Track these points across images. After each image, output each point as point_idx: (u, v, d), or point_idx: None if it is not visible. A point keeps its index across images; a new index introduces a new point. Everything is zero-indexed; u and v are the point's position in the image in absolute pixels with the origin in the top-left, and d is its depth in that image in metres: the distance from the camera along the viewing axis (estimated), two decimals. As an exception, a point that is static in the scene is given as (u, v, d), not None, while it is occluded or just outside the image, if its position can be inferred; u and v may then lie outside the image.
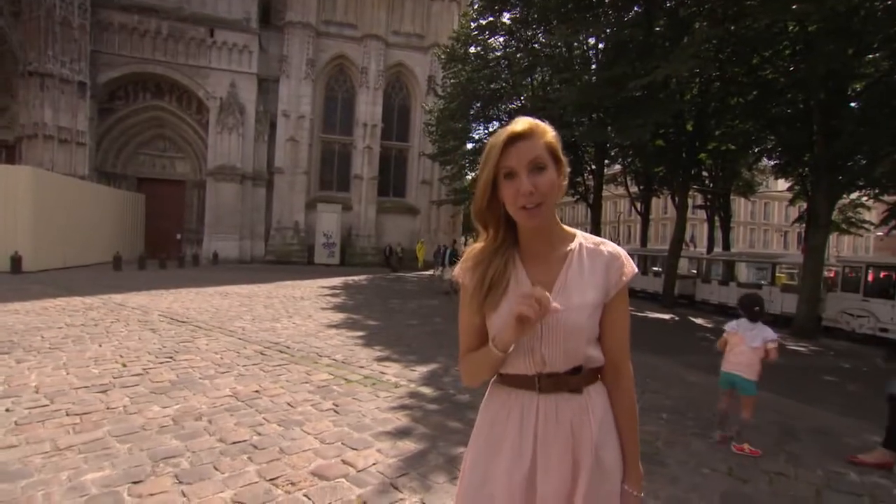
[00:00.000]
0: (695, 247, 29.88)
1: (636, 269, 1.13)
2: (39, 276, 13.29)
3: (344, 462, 2.98)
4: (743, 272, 17.84)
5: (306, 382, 4.62)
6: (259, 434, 3.32)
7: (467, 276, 1.16)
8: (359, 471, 2.87)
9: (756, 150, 17.63)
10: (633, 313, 14.17)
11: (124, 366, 4.85)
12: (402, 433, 3.48)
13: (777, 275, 18.51)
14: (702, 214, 29.38)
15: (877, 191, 19.87)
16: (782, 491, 2.98)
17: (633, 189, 25.05)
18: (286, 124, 25.84)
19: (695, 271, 18.57)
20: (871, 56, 11.64)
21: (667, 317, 13.99)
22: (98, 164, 22.65)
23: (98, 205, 18.74)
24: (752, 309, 3.72)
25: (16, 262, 13.60)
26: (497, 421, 1.15)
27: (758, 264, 18.95)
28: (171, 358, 5.25)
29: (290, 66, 25.69)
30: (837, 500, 2.95)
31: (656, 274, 19.29)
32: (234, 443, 3.15)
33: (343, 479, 2.76)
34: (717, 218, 23.16)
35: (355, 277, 18.50)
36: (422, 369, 5.45)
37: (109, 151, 23.61)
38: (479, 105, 20.75)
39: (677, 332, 11.30)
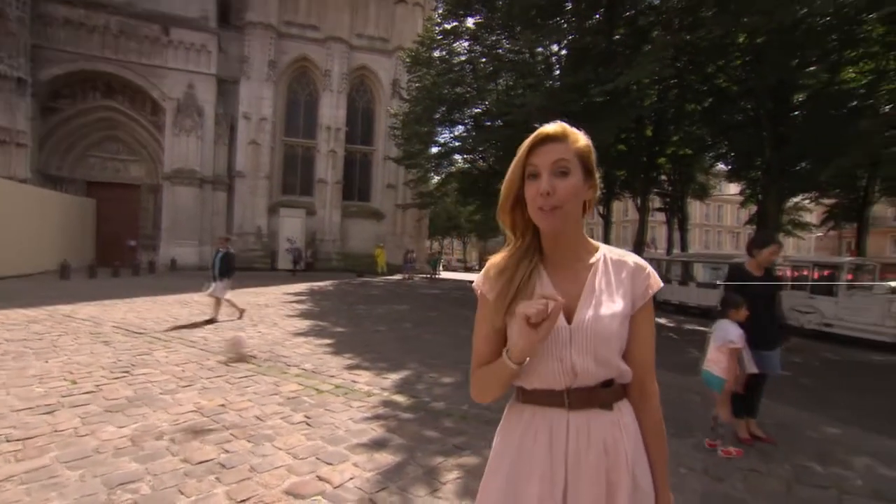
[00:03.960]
0: (655, 248, 30.84)
1: (661, 283, 1.10)
2: (-24, 287, 12.37)
3: (319, 478, 2.85)
4: (700, 272, 18.50)
5: (275, 394, 4.43)
6: (227, 452, 3.14)
7: (489, 283, 1.11)
8: (335, 487, 2.75)
9: (711, 155, 18.36)
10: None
11: (74, 383, 4.52)
12: (378, 445, 3.37)
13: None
14: (660, 217, 30.40)
15: (817, 194, 21.04)
16: (757, 488, 3.05)
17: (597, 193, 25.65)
18: (247, 127, 25.16)
19: (655, 273, 19.10)
20: (811, 68, 12.31)
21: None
22: (41, 166, 21.35)
23: (42, 210, 17.63)
24: (718, 308, 3.84)
25: (-51, 272, 12.62)
26: (524, 445, 1.07)
27: (714, 265, 19.70)
28: (126, 372, 4.94)
29: (251, 68, 25.05)
30: (807, 493, 3.04)
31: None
32: (200, 463, 2.97)
33: (319, 497, 2.63)
34: (675, 220, 23.98)
35: (320, 283, 18.13)
36: (394, 377, 5.34)
37: (54, 153, 22.31)
38: (444, 109, 20.79)
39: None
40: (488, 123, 20.43)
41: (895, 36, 11.19)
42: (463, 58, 19.36)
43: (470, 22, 18.38)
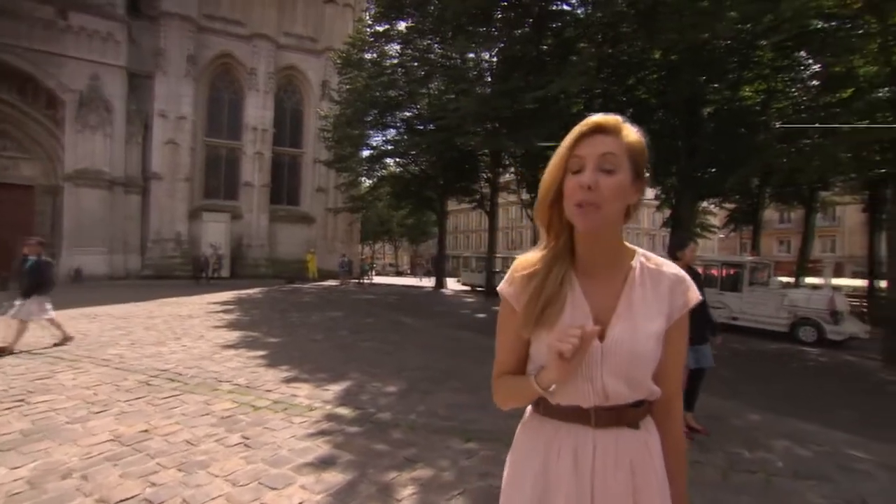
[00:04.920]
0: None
1: (699, 296, 1.03)
2: None
3: (263, 505, 2.63)
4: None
5: (206, 414, 4.08)
6: (153, 485, 2.82)
7: (516, 287, 1.02)
8: (282, 513, 2.55)
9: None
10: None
11: (-42, 415, 3.90)
12: (325, 463, 3.18)
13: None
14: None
15: (722, 199, 23.01)
16: (698, 478, 3.20)
17: (525, 196, 26.39)
18: (164, 125, 23.42)
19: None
20: (716, 85, 13.45)
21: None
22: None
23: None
24: None
25: None
26: (548, 462, 1.00)
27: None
28: (21, 401, 4.33)
29: (168, 62, 23.37)
30: (740, 479, 3.24)
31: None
32: (121, 501, 2.64)
33: (265, 527, 2.42)
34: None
35: (248, 291, 17.19)
36: (335, 388, 5.12)
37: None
38: (375, 112, 20.55)
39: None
40: (421, 127, 20.46)
41: (781, 62, 12.55)
42: (395, 61, 19.25)
43: (402, 25, 18.32)
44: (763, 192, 21.07)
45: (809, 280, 18.65)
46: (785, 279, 17.13)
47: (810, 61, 12.68)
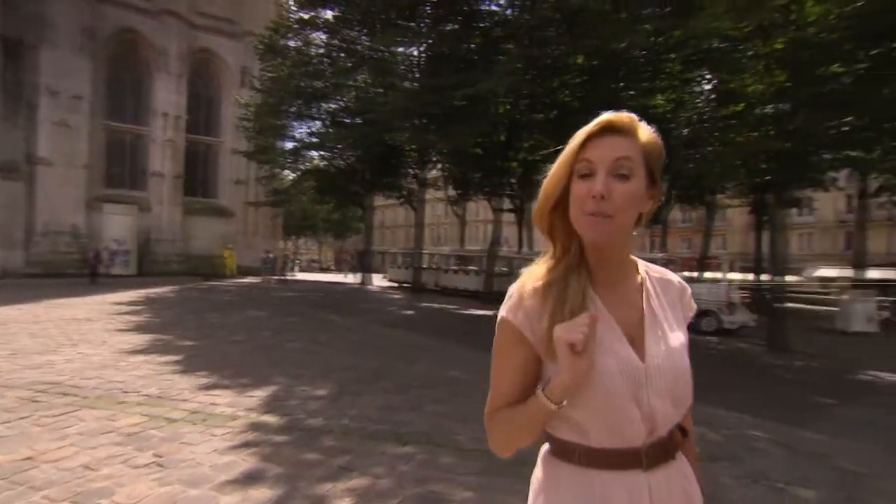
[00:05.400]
0: (508, 247, 33.23)
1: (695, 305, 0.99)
2: None
3: (180, 531, 2.38)
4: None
5: (110, 432, 3.65)
6: (44, 519, 2.46)
7: (528, 304, 0.85)
8: (203, 539, 2.32)
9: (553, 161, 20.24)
10: (457, 311, 15.04)
11: None
12: (251, 478, 2.95)
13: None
14: (508, 217, 32.87)
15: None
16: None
17: (452, 193, 26.65)
18: (54, 104, 20.94)
19: (505, 269, 20.50)
20: (632, 92, 14.33)
21: (489, 313, 15.13)
22: None
23: None
24: None
25: None
26: None
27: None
28: None
29: (56, 33, 20.88)
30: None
31: (477, 273, 20.85)
32: (5, 538, 2.27)
33: (183, 556, 2.19)
34: (523, 221, 26.04)
35: (158, 289, 15.85)
36: (260, 394, 4.81)
37: None
38: (299, 102, 19.75)
39: (501, 326, 12.27)
40: (347, 121, 19.96)
41: (688, 74, 13.65)
42: (321, 51, 18.59)
43: (328, 14, 17.70)
44: (670, 193, 22.87)
45: (708, 275, 20.47)
46: (687, 274, 18.66)
47: (709, 76, 13.90)
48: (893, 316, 16.83)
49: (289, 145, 22.32)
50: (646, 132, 0.85)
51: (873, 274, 20.82)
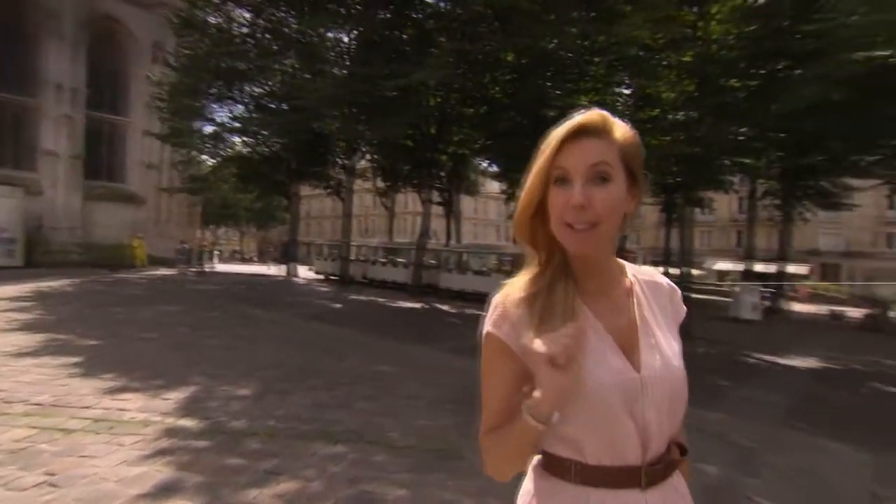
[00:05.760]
0: (437, 240, 33.47)
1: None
2: None
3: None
4: (475, 262, 20.77)
5: (-8, 447, 3.23)
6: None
7: (513, 316, 0.81)
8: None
9: (485, 157, 20.60)
10: (386, 304, 14.94)
11: None
12: (168, 490, 2.74)
13: (494, 263, 22.30)
14: (436, 209, 33.08)
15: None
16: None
17: (381, 185, 26.33)
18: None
19: (433, 261, 20.64)
20: (558, 92, 14.89)
21: (417, 305, 15.18)
22: None
23: None
24: None
25: None
26: None
27: (483, 255, 22.37)
28: None
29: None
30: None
31: (406, 265, 20.81)
32: None
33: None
34: (451, 213, 26.29)
35: (53, 283, 14.27)
36: (176, 396, 4.48)
37: None
38: (220, 84, 18.51)
39: (429, 319, 12.37)
40: (272, 106, 19.03)
41: (611, 78, 14.41)
42: (244, 30, 17.50)
43: (252, -10, 16.70)
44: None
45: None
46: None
47: (629, 82, 14.76)
48: (773, 305, 19.01)
49: (208, 129, 20.91)
50: (620, 130, 0.80)
51: (758, 267, 23.26)
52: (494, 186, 46.28)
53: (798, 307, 21.96)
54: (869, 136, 10.85)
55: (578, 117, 0.79)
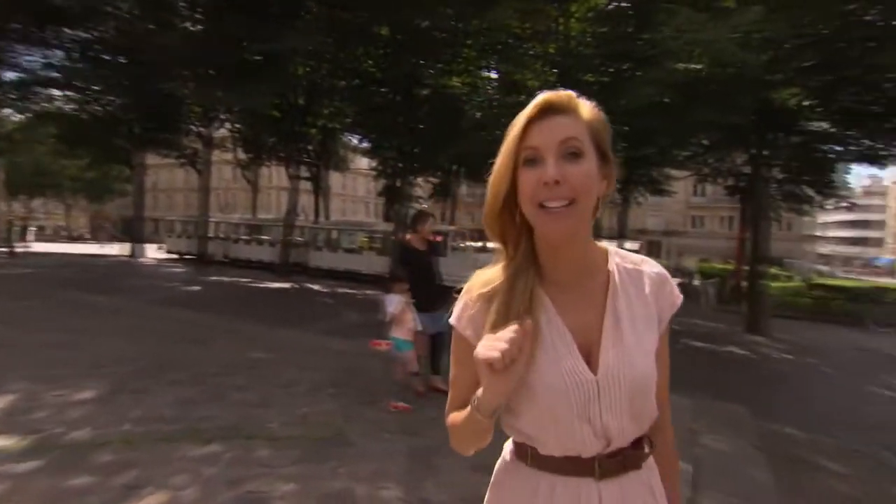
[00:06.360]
0: (306, 217, 31.85)
1: (681, 296, 0.88)
2: None
3: None
4: (346, 239, 20.31)
5: None
6: None
7: (472, 313, 0.82)
8: None
9: (357, 132, 20.08)
10: (251, 285, 13.96)
11: None
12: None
13: (362, 240, 22.06)
14: (304, 185, 31.46)
15: (429, 173, 25.85)
16: (442, 432, 3.58)
17: (242, 156, 24.23)
18: None
19: (300, 239, 19.75)
20: (431, 71, 15.03)
21: (287, 286, 14.45)
22: None
23: None
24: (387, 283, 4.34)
25: None
26: None
27: (355, 232, 21.97)
28: None
29: None
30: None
31: (272, 244, 19.59)
32: None
33: None
34: (319, 189, 25.28)
35: None
36: (-15, 409, 3.67)
37: None
38: (27, 20, 15.15)
39: (301, 300, 11.86)
40: (106, 57, 16.20)
41: (481, 62, 14.94)
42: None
43: None
44: (459, 170, 25.00)
45: (492, 245, 23.13)
46: (476, 245, 20.76)
47: (496, 67, 15.44)
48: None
49: (9, 76, 17.06)
50: (587, 108, 0.79)
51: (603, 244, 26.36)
52: (364, 162, 45.52)
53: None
54: (685, 134, 12.87)
55: (544, 95, 0.77)
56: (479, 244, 21.99)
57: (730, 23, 8.17)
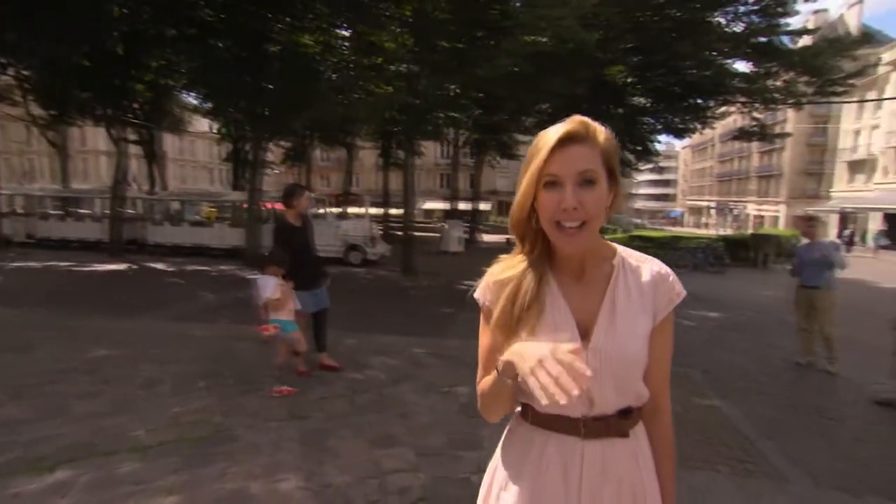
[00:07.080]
0: (139, 187, 27.47)
1: (685, 292, 0.99)
2: None
3: None
4: (191, 211, 18.21)
5: None
6: None
7: (490, 293, 1.01)
8: None
9: (197, 91, 17.75)
10: (75, 269, 11.92)
11: None
12: None
13: (210, 211, 20.09)
14: (135, 150, 27.11)
15: (279, 137, 24.10)
16: (332, 411, 3.54)
17: (39, 112, 19.86)
18: None
19: (132, 212, 17.22)
20: (280, 26, 13.73)
21: (122, 267, 12.60)
22: None
23: None
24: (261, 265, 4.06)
25: None
26: (538, 475, 0.96)
27: (200, 203, 19.83)
28: None
29: None
30: (362, 399, 3.81)
31: (96, 219, 16.73)
32: None
33: None
34: (152, 155, 22.12)
35: None
36: None
37: None
38: None
39: (144, 284, 10.45)
40: None
41: (335, 19, 14.01)
42: None
43: None
44: (313, 134, 23.81)
45: (353, 210, 22.72)
46: (334, 210, 20.18)
47: (348, 27, 14.68)
48: (471, 238, 23.16)
49: None
50: (602, 135, 0.91)
51: (461, 206, 27.66)
52: (204, 124, 40.51)
53: (486, 238, 27.19)
54: (533, 102, 13.87)
55: (564, 126, 0.88)
56: (339, 210, 21.48)
57: (572, 3, 8.87)
